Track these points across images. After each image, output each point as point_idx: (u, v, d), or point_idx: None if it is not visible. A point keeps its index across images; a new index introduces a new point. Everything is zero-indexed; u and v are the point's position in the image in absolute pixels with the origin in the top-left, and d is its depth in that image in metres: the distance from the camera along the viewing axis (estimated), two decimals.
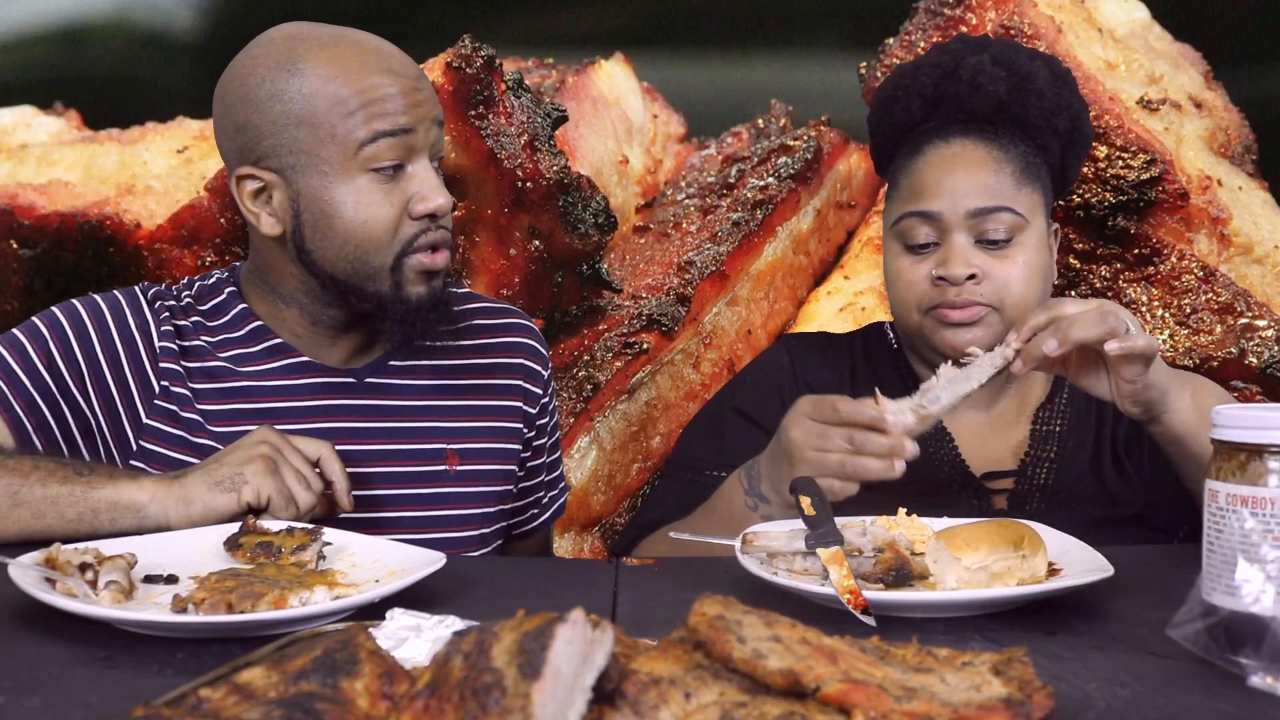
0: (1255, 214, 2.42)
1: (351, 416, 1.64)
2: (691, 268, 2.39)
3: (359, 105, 1.53)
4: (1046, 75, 1.73)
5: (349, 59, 1.55)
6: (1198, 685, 1.03)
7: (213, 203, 2.25)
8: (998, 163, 1.70)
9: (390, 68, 1.56)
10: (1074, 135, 1.76)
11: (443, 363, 1.70)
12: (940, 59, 1.75)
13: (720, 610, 0.93)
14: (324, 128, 1.53)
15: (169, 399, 1.60)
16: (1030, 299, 1.69)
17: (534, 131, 2.18)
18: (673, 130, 2.94)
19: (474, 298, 1.83)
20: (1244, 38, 3.70)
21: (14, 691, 1.00)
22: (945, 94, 1.73)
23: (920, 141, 1.75)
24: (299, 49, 1.56)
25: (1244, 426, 1.07)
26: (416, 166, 1.56)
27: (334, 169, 1.53)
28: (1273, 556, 1.03)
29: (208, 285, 1.68)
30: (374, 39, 1.60)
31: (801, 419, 1.49)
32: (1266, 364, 2.25)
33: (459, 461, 1.67)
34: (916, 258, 1.71)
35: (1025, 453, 1.76)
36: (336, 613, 1.17)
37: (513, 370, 1.75)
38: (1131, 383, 1.47)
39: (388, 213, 1.54)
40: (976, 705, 0.88)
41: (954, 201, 1.69)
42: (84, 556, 1.25)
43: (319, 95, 1.53)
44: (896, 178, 1.77)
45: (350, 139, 1.53)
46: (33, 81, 4.05)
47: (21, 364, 1.56)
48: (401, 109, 1.54)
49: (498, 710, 0.79)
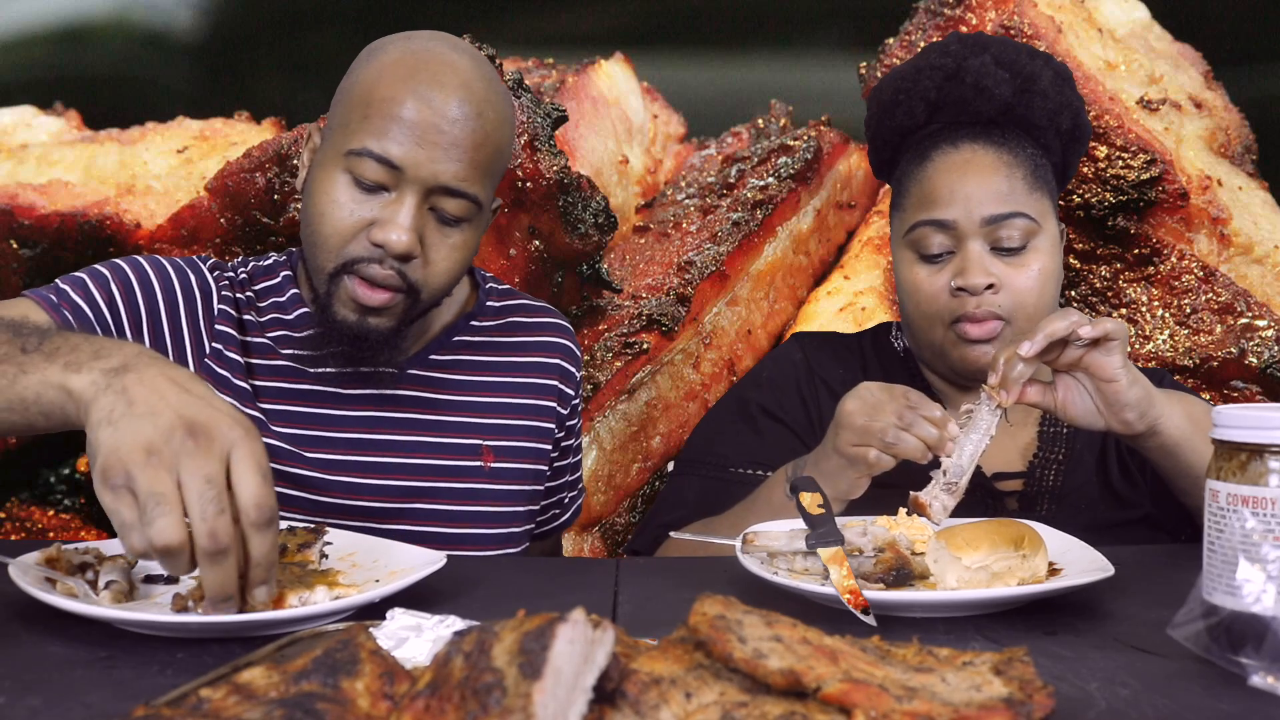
0: (1255, 214, 2.42)
1: (391, 407, 1.66)
2: (691, 268, 2.39)
3: (370, 114, 1.52)
4: (1049, 75, 1.73)
5: (403, 71, 1.52)
6: (1198, 685, 1.03)
7: (213, 203, 2.25)
8: (1009, 168, 1.70)
9: (431, 102, 1.51)
10: (1075, 133, 1.76)
11: (482, 358, 1.72)
12: (941, 61, 1.74)
13: (721, 610, 0.93)
14: (343, 114, 1.54)
15: (221, 363, 1.61)
16: (1043, 307, 1.69)
17: (534, 131, 2.18)
18: (673, 130, 2.94)
19: (513, 294, 1.83)
20: (1244, 38, 3.70)
21: (14, 691, 1.00)
22: (949, 97, 1.73)
23: (926, 147, 1.74)
24: (389, 44, 1.57)
25: (1244, 426, 1.07)
26: (401, 198, 1.51)
27: (331, 152, 1.54)
28: (1273, 556, 1.03)
29: (262, 266, 1.71)
30: (457, 72, 1.54)
31: (862, 391, 1.50)
32: (1266, 364, 2.25)
33: (494, 458, 1.68)
34: (933, 268, 1.70)
35: (1034, 455, 1.76)
36: (337, 613, 1.17)
37: (549, 370, 1.76)
38: (1113, 380, 1.46)
39: (346, 217, 1.52)
40: (977, 705, 0.88)
41: (968, 209, 1.68)
42: (84, 556, 1.25)
43: (359, 85, 1.54)
44: (904, 184, 1.76)
45: (345, 138, 1.53)
46: (33, 81, 4.05)
47: (84, 296, 1.56)
48: (402, 142, 1.50)
49: (498, 710, 0.79)
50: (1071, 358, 1.48)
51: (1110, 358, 1.46)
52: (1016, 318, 1.67)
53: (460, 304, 1.76)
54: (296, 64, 3.97)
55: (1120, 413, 1.48)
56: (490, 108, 1.55)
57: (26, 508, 2.38)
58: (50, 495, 2.38)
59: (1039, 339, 1.44)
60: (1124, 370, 1.47)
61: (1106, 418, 1.49)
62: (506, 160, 1.62)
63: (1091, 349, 1.46)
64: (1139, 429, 1.50)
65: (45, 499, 2.38)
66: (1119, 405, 1.48)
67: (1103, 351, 1.46)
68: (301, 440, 1.61)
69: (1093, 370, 1.47)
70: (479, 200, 1.55)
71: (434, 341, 1.71)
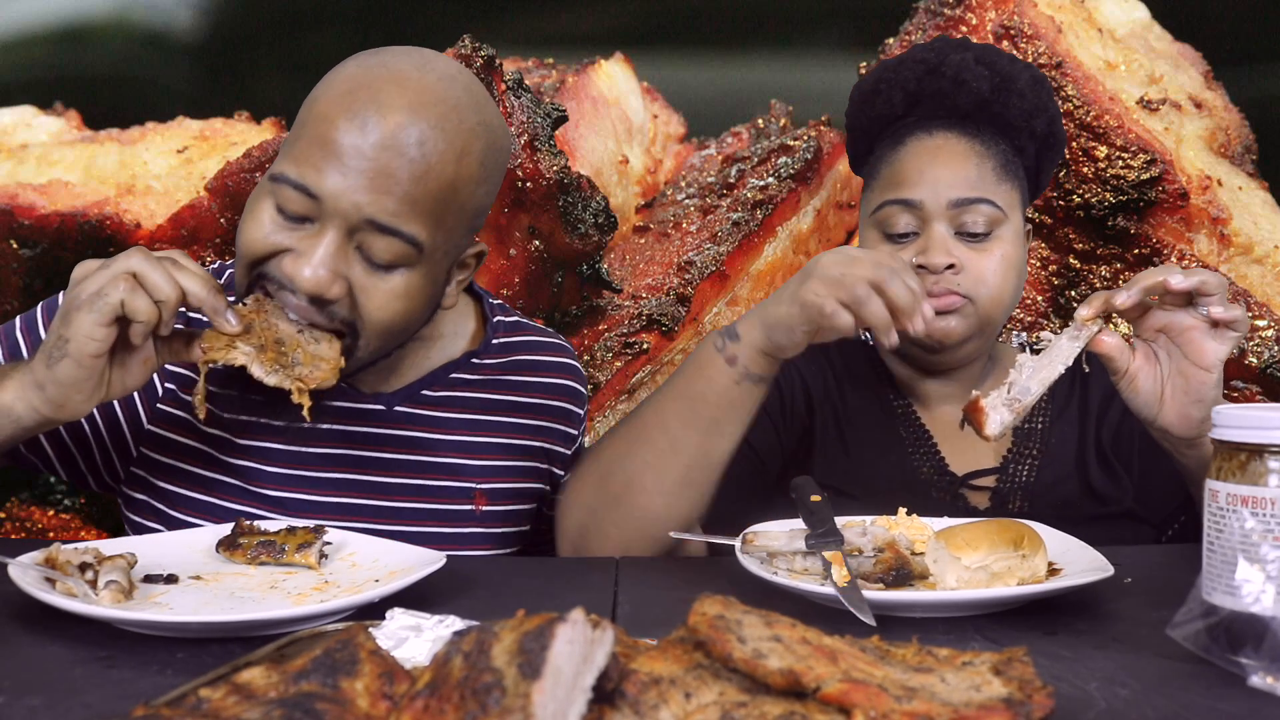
0: (1255, 214, 2.42)
1: (377, 446, 1.54)
2: (691, 268, 2.39)
3: (300, 135, 1.38)
4: (1027, 78, 1.75)
5: (343, 89, 1.37)
6: (1198, 685, 1.03)
7: (213, 203, 2.25)
8: (980, 156, 1.71)
9: (364, 125, 1.33)
10: (1050, 139, 1.77)
11: (479, 396, 1.61)
12: (924, 55, 1.76)
13: (720, 610, 0.93)
14: (291, 132, 1.42)
15: (175, 403, 1.53)
16: (1005, 294, 1.69)
17: (534, 131, 2.18)
18: (673, 130, 2.94)
19: (522, 327, 1.70)
20: (1244, 38, 3.70)
21: (14, 691, 1.00)
22: (928, 89, 1.74)
23: (902, 134, 1.76)
24: (355, 57, 1.42)
25: (1244, 426, 1.07)
26: (320, 231, 1.36)
27: (271, 171, 1.41)
28: (1273, 556, 1.03)
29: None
30: (406, 93, 1.35)
31: (845, 247, 1.46)
32: (1266, 364, 2.25)
33: (486, 502, 1.59)
34: (895, 246, 1.71)
35: (1007, 450, 1.76)
36: (336, 612, 1.17)
37: (552, 413, 1.66)
38: (1210, 370, 1.38)
39: (261, 240, 1.38)
40: (977, 705, 0.88)
41: (935, 191, 1.69)
42: (84, 556, 1.25)
43: (307, 102, 1.41)
44: (876, 167, 1.77)
45: (278, 160, 1.40)
46: (33, 81, 4.05)
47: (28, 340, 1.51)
48: (323, 169, 1.34)
49: (498, 710, 0.79)
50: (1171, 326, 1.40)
51: (1222, 346, 1.38)
52: (978, 297, 1.67)
53: (466, 341, 1.65)
54: (296, 64, 3.96)
55: (1190, 409, 1.40)
56: (444, 137, 1.36)
57: (26, 508, 2.38)
58: (50, 495, 2.38)
59: (1134, 290, 1.37)
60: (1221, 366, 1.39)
61: (1167, 408, 1.41)
62: (473, 200, 1.42)
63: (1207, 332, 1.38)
64: (1194, 432, 1.41)
65: (45, 499, 2.37)
66: (1195, 399, 1.39)
67: (1217, 339, 1.38)
68: (263, 477, 1.51)
69: (1193, 352, 1.39)
70: (417, 242, 1.36)
71: (428, 376, 1.59)
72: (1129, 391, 1.43)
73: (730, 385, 1.46)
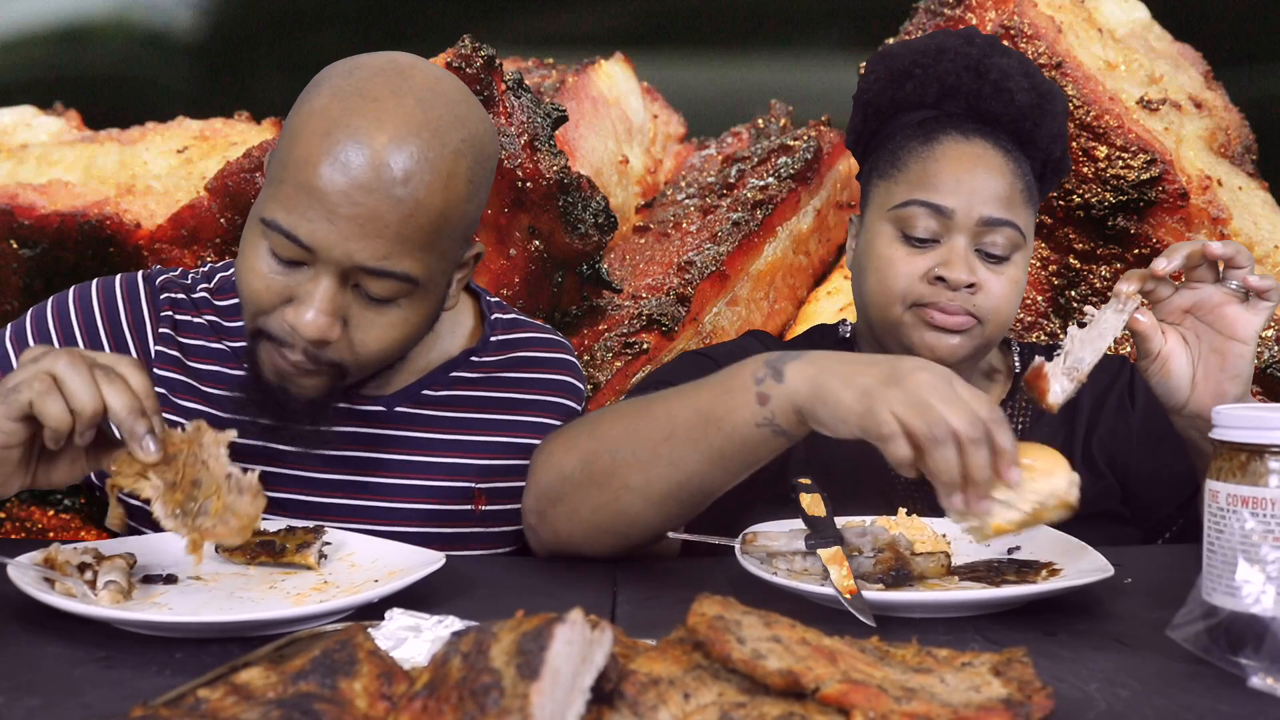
0: (1255, 214, 2.42)
1: (378, 447, 1.54)
2: (691, 268, 2.39)
3: (285, 177, 1.34)
4: (1062, 103, 1.71)
5: (323, 124, 1.33)
6: (1198, 685, 1.03)
7: (213, 203, 2.25)
8: (1014, 176, 1.66)
9: (347, 167, 1.31)
10: (1059, 165, 1.73)
11: (479, 394, 1.60)
12: (965, 49, 1.68)
13: (720, 610, 0.93)
14: (275, 162, 1.38)
15: (168, 408, 1.52)
16: (1010, 317, 1.66)
17: (534, 131, 2.18)
18: (673, 130, 2.94)
19: (520, 324, 1.69)
20: (1244, 38, 3.70)
21: (13, 691, 1.00)
22: (966, 88, 1.67)
23: (933, 130, 1.68)
24: (331, 76, 1.39)
25: (1244, 426, 1.07)
26: (317, 277, 1.35)
27: (256, 208, 1.39)
28: (1273, 557, 1.03)
29: (231, 279, 1.56)
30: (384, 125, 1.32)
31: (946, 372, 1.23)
32: (1266, 364, 2.25)
33: (486, 502, 1.58)
34: (913, 249, 1.64)
35: None
36: (335, 613, 1.17)
37: (552, 410, 1.65)
38: (1246, 343, 1.37)
39: (264, 289, 1.37)
40: (976, 706, 0.88)
41: (970, 203, 1.63)
42: (83, 556, 1.25)
43: (288, 131, 1.37)
44: (901, 157, 1.69)
45: (264, 199, 1.37)
46: (33, 81, 4.05)
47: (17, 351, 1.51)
48: (312, 217, 1.32)
49: (496, 711, 0.79)
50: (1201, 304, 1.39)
51: (1257, 317, 1.38)
52: (988, 320, 1.63)
53: (464, 339, 1.65)
54: (296, 64, 3.96)
55: (1226, 385, 1.38)
56: (429, 167, 1.33)
57: (26, 508, 2.38)
58: (50, 495, 2.37)
59: (1177, 257, 1.36)
60: (1256, 338, 1.38)
61: (1200, 390, 1.40)
62: (465, 218, 1.41)
63: (1240, 304, 1.38)
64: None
65: (45, 499, 2.37)
66: (1231, 374, 1.38)
67: (1251, 310, 1.38)
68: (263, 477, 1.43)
69: (1227, 326, 1.38)
70: (411, 278, 1.36)
71: (428, 376, 1.58)
72: (1159, 375, 1.42)
73: (750, 424, 1.31)
